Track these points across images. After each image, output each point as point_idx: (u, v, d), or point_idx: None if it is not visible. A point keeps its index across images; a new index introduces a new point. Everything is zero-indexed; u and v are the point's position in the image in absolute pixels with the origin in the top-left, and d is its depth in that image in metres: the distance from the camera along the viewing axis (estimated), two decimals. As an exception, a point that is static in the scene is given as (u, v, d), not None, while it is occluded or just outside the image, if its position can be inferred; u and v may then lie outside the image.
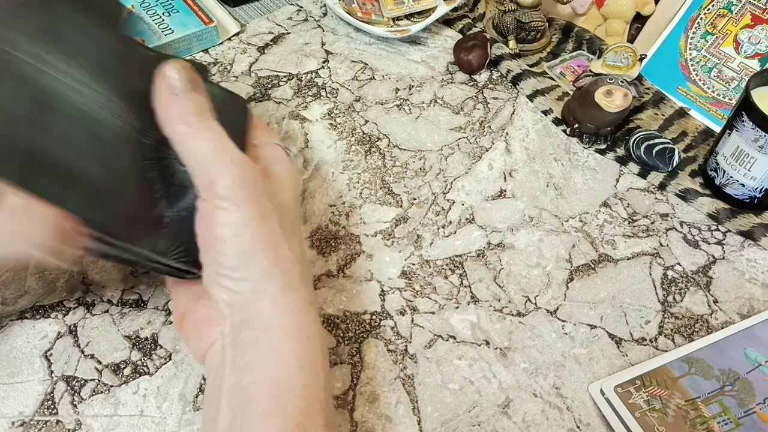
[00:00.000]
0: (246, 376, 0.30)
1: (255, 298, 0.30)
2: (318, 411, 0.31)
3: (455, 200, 0.52)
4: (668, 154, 0.53)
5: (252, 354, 0.30)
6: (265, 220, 0.31)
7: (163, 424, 0.38)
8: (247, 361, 0.30)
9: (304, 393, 0.30)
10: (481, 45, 0.63)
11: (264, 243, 0.31)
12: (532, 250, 0.48)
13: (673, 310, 0.45)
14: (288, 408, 0.29)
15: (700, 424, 0.37)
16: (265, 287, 0.30)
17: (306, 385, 0.30)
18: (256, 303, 0.30)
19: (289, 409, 0.29)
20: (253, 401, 0.29)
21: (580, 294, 0.46)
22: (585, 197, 0.53)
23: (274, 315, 0.30)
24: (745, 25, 0.58)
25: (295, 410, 0.30)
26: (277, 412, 0.29)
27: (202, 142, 0.30)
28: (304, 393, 0.30)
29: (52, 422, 0.38)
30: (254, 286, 0.30)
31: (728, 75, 0.59)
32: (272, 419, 0.29)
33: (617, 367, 0.41)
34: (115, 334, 0.42)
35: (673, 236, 0.50)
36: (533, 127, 0.59)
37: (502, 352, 0.42)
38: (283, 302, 0.31)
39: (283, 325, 0.31)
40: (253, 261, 0.30)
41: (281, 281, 0.31)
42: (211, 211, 0.30)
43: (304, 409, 0.30)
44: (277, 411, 0.29)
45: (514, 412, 0.39)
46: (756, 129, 0.46)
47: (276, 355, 0.30)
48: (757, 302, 0.46)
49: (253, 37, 0.67)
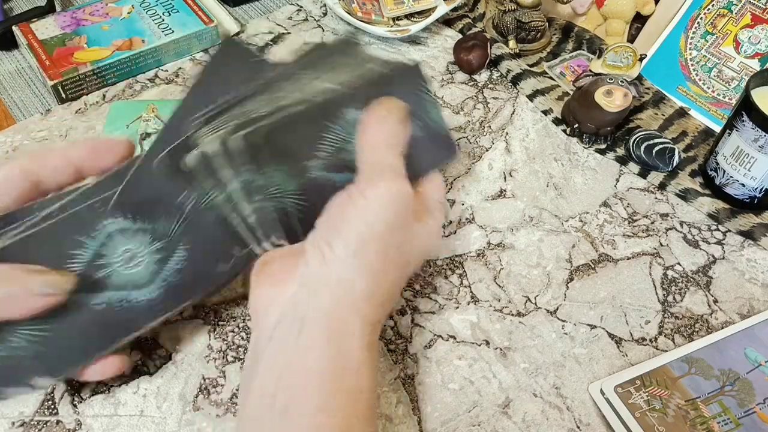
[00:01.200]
0: (308, 356, 0.30)
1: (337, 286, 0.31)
2: (370, 419, 0.30)
3: (455, 200, 0.52)
4: (668, 153, 0.53)
5: (315, 333, 0.30)
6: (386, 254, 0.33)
7: (163, 424, 0.38)
8: (310, 343, 0.30)
9: (360, 397, 0.30)
10: (481, 45, 0.63)
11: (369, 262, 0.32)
12: (532, 250, 0.48)
13: (673, 310, 0.45)
14: (343, 408, 0.29)
15: (700, 424, 0.37)
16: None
17: (362, 390, 0.30)
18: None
19: (344, 410, 0.29)
20: (310, 390, 0.29)
21: (580, 294, 0.46)
22: (585, 197, 0.53)
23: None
24: (745, 24, 0.58)
25: (350, 412, 0.29)
26: (331, 411, 0.29)
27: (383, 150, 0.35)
28: (360, 397, 0.30)
29: (53, 422, 0.38)
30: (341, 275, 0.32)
31: (728, 75, 0.59)
32: (326, 417, 0.29)
33: (617, 367, 0.42)
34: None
35: (673, 236, 0.50)
36: (533, 126, 0.59)
37: (502, 352, 0.42)
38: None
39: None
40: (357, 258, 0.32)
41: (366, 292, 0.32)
42: (356, 198, 0.32)
43: (358, 413, 0.30)
44: (331, 409, 0.29)
45: (514, 412, 0.39)
46: (756, 129, 0.46)
47: (340, 347, 0.30)
48: (757, 302, 0.46)
49: (254, 37, 0.67)
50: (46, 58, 0.59)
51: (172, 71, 0.62)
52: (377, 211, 0.32)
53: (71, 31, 0.62)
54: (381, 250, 0.32)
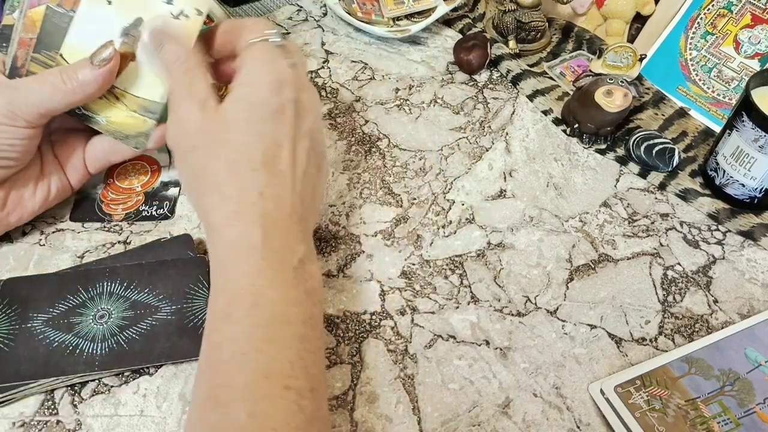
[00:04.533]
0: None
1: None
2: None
3: (455, 200, 0.52)
4: (668, 154, 0.54)
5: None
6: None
7: (163, 424, 0.38)
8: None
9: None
10: (481, 45, 0.63)
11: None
12: (532, 250, 0.48)
13: (673, 310, 0.45)
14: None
15: (700, 424, 0.37)
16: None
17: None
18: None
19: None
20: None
21: (580, 294, 0.46)
22: (585, 197, 0.53)
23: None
24: (745, 25, 0.58)
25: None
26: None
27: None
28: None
29: (53, 422, 0.38)
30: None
31: (728, 75, 0.59)
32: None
33: (617, 367, 0.42)
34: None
35: (673, 236, 0.50)
36: (533, 127, 0.59)
37: (502, 352, 0.42)
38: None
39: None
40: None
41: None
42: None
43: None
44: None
45: (514, 412, 0.39)
46: (756, 129, 0.46)
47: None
48: (757, 302, 0.46)
49: (253, 37, 0.67)
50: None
51: (172, 71, 0.62)
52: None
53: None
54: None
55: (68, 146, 0.46)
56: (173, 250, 0.45)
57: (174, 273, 0.43)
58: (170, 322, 0.40)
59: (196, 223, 0.49)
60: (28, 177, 0.44)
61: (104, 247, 0.47)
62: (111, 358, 0.39)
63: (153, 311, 0.41)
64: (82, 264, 0.45)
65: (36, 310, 0.41)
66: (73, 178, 0.47)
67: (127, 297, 0.42)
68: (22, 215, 0.45)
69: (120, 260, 0.44)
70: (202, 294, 0.42)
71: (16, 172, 0.43)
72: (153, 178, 0.52)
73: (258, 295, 0.32)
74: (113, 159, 0.47)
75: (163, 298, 0.42)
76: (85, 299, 0.41)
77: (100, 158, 0.47)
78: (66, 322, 0.40)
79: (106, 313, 0.41)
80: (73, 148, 0.46)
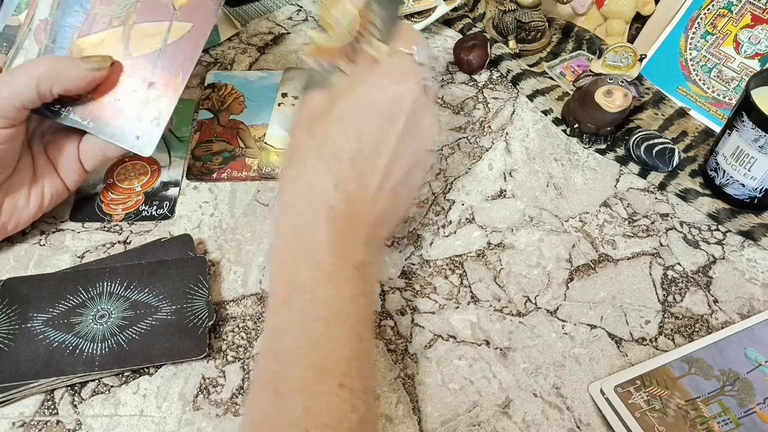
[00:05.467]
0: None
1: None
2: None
3: (455, 200, 0.52)
4: (668, 154, 0.53)
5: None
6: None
7: (163, 424, 0.38)
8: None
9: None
10: (481, 45, 0.63)
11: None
12: (532, 250, 0.48)
13: (673, 310, 0.45)
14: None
15: (700, 424, 0.37)
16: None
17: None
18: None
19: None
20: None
21: (580, 294, 0.46)
22: (585, 197, 0.53)
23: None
24: (745, 25, 0.58)
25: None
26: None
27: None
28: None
29: (53, 422, 0.38)
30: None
31: (728, 75, 0.59)
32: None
33: (617, 367, 0.41)
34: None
35: (673, 236, 0.50)
36: (533, 127, 0.59)
37: (502, 352, 0.42)
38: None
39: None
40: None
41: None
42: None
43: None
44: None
45: (514, 412, 0.39)
46: (756, 129, 0.46)
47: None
48: (757, 302, 0.46)
49: (253, 37, 0.67)
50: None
51: (172, 71, 0.62)
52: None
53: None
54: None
55: (61, 146, 0.46)
56: (173, 250, 0.45)
57: (174, 273, 0.43)
58: (170, 322, 0.40)
59: (196, 223, 0.49)
60: (21, 183, 0.44)
61: (104, 247, 0.47)
62: (111, 358, 0.39)
63: (153, 311, 0.41)
64: (82, 264, 0.45)
65: (36, 310, 0.41)
66: (69, 179, 0.46)
67: (127, 297, 0.42)
68: (18, 222, 0.45)
69: (120, 260, 0.44)
70: (201, 294, 0.42)
71: (7, 179, 0.43)
72: (153, 178, 0.52)
73: (317, 288, 0.32)
74: (109, 154, 0.46)
75: (163, 298, 0.42)
76: (85, 299, 0.41)
77: (95, 154, 0.46)
78: (66, 322, 0.40)
79: (106, 313, 0.41)
80: (66, 148, 0.46)
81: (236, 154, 0.54)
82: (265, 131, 0.56)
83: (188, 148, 0.54)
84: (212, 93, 0.59)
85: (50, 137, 0.46)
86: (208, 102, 0.58)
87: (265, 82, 0.61)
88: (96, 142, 0.46)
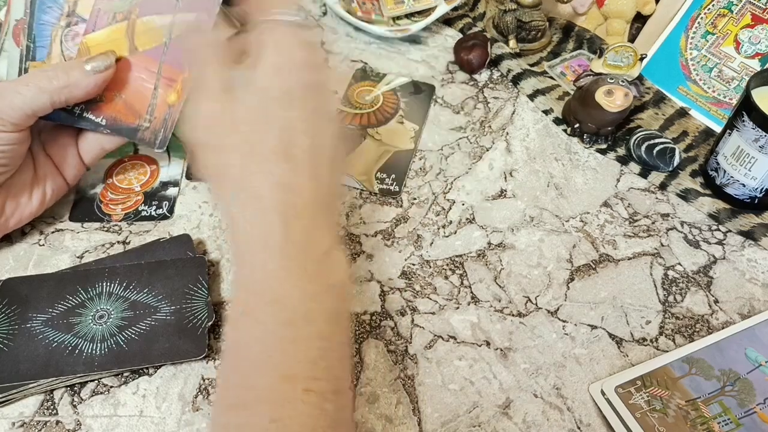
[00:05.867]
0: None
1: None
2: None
3: (455, 200, 0.52)
4: (669, 153, 0.53)
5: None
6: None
7: (163, 425, 0.38)
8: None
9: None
10: (481, 44, 0.63)
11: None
12: (532, 250, 0.48)
13: (674, 310, 0.45)
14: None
15: (700, 425, 0.37)
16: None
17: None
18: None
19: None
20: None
21: (580, 294, 0.46)
22: (586, 197, 0.53)
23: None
24: (745, 24, 0.58)
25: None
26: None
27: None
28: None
29: (52, 423, 0.38)
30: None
31: (728, 75, 0.59)
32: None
33: (618, 368, 0.41)
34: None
35: (673, 236, 0.50)
36: (534, 126, 0.59)
37: (502, 353, 0.42)
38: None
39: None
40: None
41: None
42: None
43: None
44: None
45: (515, 413, 0.39)
46: (756, 129, 0.46)
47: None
48: (757, 302, 0.45)
49: (253, 37, 0.67)
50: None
51: (171, 71, 0.62)
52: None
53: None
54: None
55: (60, 143, 0.46)
56: (172, 250, 0.45)
57: (173, 273, 0.43)
58: (169, 323, 0.40)
59: (196, 223, 0.49)
60: (23, 181, 0.44)
61: (103, 247, 0.47)
62: (110, 359, 0.39)
63: (152, 311, 0.41)
64: (82, 264, 0.45)
65: (35, 311, 0.41)
66: (69, 174, 0.47)
67: (126, 297, 0.42)
68: (20, 218, 0.45)
69: (119, 260, 0.44)
70: (201, 294, 0.42)
71: (10, 177, 0.43)
72: (152, 178, 0.52)
73: (277, 292, 0.31)
74: (108, 147, 0.47)
75: (163, 298, 0.42)
76: (84, 299, 0.41)
77: (94, 148, 0.46)
78: (65, 322, 0.40)
79: (106, 313, 0.41)
80: (65, 144, 0.46)
81: (236, 154, 0.54)
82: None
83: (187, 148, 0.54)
84: (212, 92, 0.59)
85: (47, 135, 0.46)
86: (208, 101, 0.58)
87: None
88: (95, 136, 0.46)
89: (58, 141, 0.46)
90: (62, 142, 0.46)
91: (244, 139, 0.33)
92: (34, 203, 0.45)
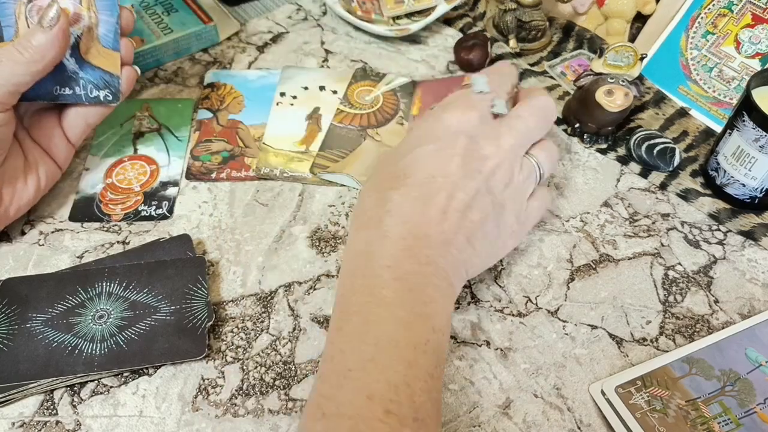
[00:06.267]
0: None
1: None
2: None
3: (455, 200, 0.52)
4: (669, 153, 0.53)
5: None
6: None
7: (162, 425, 0.38)
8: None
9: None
10: (481, 44, 0.63)
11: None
12: (532, 250, 0.48)
13: (674, 310, 0.45)
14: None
15: (700, 425, 0.37)
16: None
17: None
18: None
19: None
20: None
21: (581, 294, 0.46)
22: (586, 197, 0.53)
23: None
24: (745, 24, 0.58)
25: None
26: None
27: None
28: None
29: (52, 423, 0.38)
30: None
31: (729, 74, 0.59)
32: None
33: (618, 368, 0.41)
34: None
35: (674, 236, 0.50)
36: (533, 126, 0.59)
37: (502, 353, 0.42)
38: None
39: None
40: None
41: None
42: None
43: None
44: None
45: (515, 413, 0.39)
46: (757, 129, 0.46)
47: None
48: (757, 302, 0.45)
49: (253, 36, 0.67)
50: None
51: (171, 70, 0.62)
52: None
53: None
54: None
55: (44, 125, 0.46)
56: (172, 250, 0.45)
57: (173, 273, 0.43)
58: (169, 323, 0.40)
59: (195, 223, 0.49)
60: (15, 167, 0.44)
61: (103, 247, 0.47)
62: (110, 359, 0.39)
63: (152, 311, 0.41)
64: (81, 264, 0.45)
65: (35, 311, 0.40)
66: (59, 156, 0.47)
67: (126, 297, 0.42)
68: (19, 206, 0.45)
69: (119, 260, 0.44)
70: (201, 294, 0.42)
71: (1, 165, 0.43)
72: (152, 177, 0.52)
73: (369, 312, 0.32)
74: (91, 121, 0.47)
75: (162, 298, 0.42)
76: (84, 299, 0.41)
77: (78, 124, 0.46)
78: (65, 322, 0.40)
79: (105, 313, 0.41)
80: (49, 126, 0.46)
81: (235, 154, 0.54)
82: (263, 131, 0.55)
83: (187, 147, 0.54)
84: (211, 92, 0.59)
85: (30, 120, 0.46)
86: (207, 101, 0.58)
87: (265, 81, 0.60)
88: (76, 112, 0.46)
89: (42, 124, 0.46)
90: (46, 124, 0.46)
91: (386, 166, 0.40)
92: (30, 189, 0.45)
